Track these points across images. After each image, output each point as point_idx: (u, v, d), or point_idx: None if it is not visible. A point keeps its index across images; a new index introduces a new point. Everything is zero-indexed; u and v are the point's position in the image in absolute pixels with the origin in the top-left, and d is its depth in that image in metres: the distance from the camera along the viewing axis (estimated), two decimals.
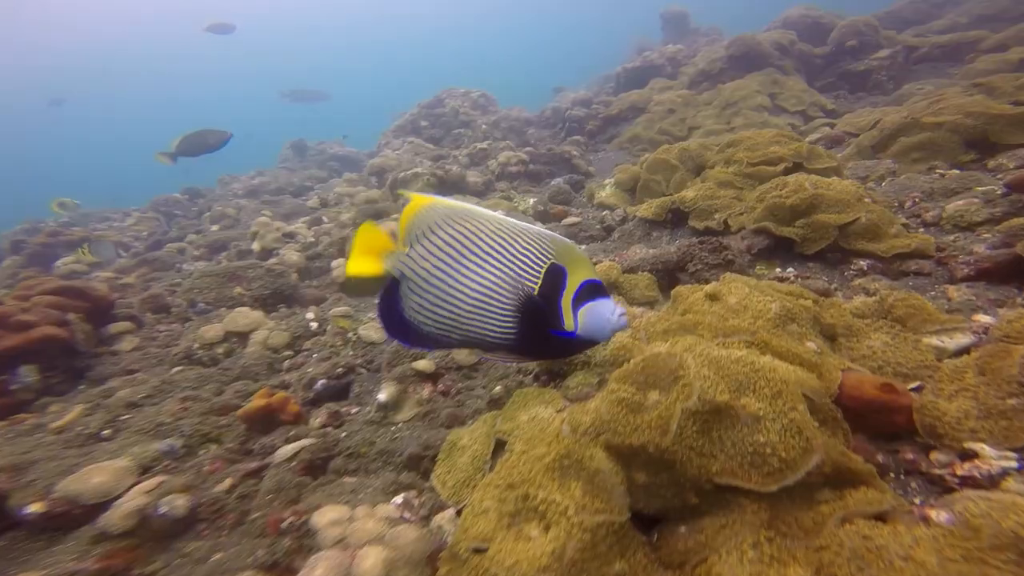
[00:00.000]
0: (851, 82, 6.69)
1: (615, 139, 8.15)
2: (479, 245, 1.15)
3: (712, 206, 2.79)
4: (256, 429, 2.31)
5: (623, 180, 4.25)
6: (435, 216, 1.18)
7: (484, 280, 1.14)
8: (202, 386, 2.63)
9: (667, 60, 10.22)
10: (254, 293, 3.62)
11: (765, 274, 2.21)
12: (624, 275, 2.39)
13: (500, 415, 1.57)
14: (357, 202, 7.15)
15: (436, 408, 2.19)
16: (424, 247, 1.18)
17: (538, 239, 1.15)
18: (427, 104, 10.60)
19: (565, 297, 1.14)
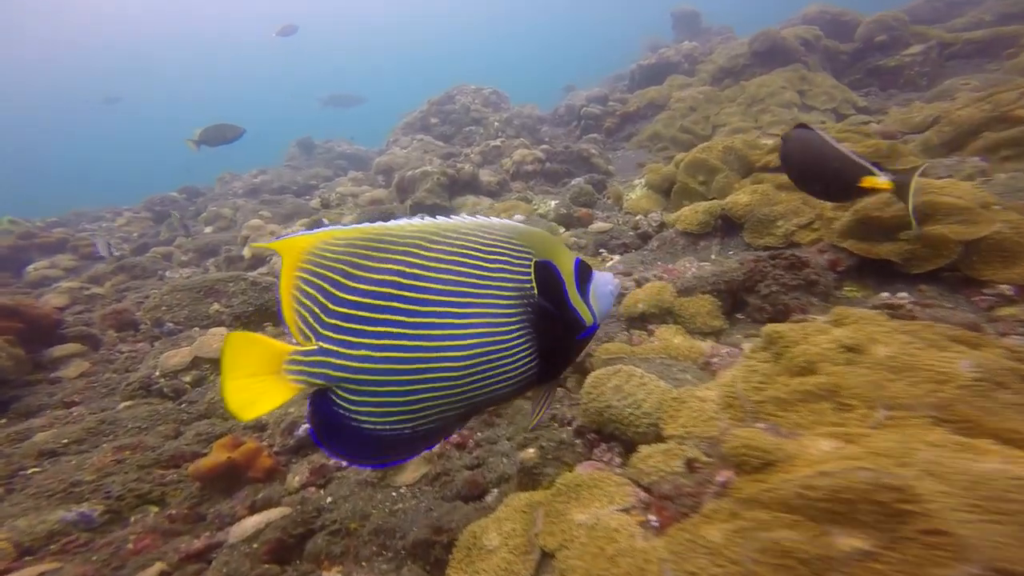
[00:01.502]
0: (881, 79, 6.24)
1: (634, 137, 7.72)
2: (436, 275, 0.83)
3: (772, 214, 2.30)
4: (215, 488, 1.83)
5: (655, 181, 3.78)
6: (341, 260, 0.82)
7: (474, 319, 0.83)
8: (153, 427, 2.14)
9: (684, 57, 9.82)
10: (234, 310, 3.14)
11: (857, 297, 1.72)
12: (678, 298, 1.90)
13: (543, 509, 1.08)
14: (361, 203, 6.71)
15: (450, 468, 1.70)
16: (346, 322, 0.81)
17: (504, 237, 0.89)
18: (437, 101, 10.21)
19: (571, 291, 0.93)
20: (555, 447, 1.45)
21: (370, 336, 0.80)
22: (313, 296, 0.81)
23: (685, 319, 1.82)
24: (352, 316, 0.80)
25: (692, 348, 1.56)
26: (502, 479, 1.55)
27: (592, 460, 1.30)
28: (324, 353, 0.80)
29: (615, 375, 1.39)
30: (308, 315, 0.81)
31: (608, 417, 1.31)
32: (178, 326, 2.98)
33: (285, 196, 8.31)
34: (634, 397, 1.27)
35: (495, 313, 0.85)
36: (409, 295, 0.81)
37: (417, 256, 0.83)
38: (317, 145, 11.63)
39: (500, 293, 0.86)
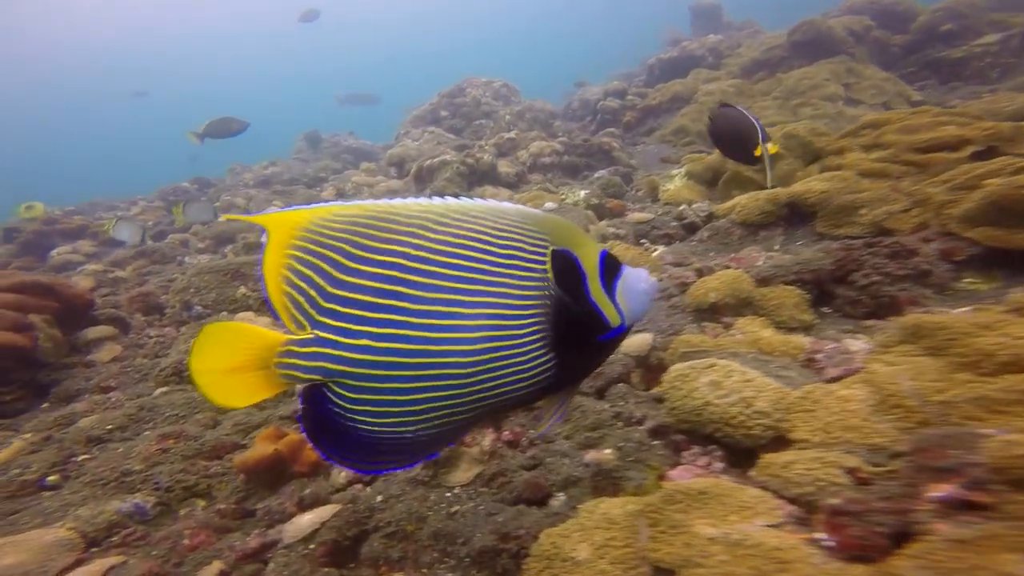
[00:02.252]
0: (941, 72, 5.93)
1: (655, 132, 7.53)
2: (444, 260, 0.74)
3: (855, 202, 2.14)
4: (260, 482, 1.72)
5: (698, 171, 3.63)
6: (342, 239, 0.73)
7: (482, 309, 0.74)
8: (190, 415, 2.04)
9: (708, 51, 9.61)
10: (260, 295, 3.04)
11: (984, 290, 1.57)
12: (758, 288, 1.76)
13: (646, 518, 0.95)
14: (376, 193, 6.64)
15: (506, 469, 1.57)
16: (347, 307, 0.72)
17: (518, 222, 0.79)
18: (448, 93, 10.18)
19: (592, 286, 0.82)
20: (635, 448, 1.32)
21: (373, 324, 0.71)
22: (309, 277, 0.71)
23: (768, 311, 1.68)
24: (354, 301, 0.71)
25: (788, 343, 1.42)
26: (568, 482, 1.42)
27: (686, 465, 1.17)
28: (321, 343, 0.71)
29: (709, 370, 1.26)
30: (303, 299, 0.71)
31: (707, 417, 1.18)
32: (206, 309, 2.88)
33: (296, 187, 8.32)
34: (740, 394, 1.14)
35: (506, 304, 0.75)
36: (415, 279, 0.72)
37: (424, 238, 0.74)
38: (324, 139, 11.66)
39: (511, 282, 0.76)
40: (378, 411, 0.73)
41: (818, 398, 1.03)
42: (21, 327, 2.24)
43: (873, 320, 1.61)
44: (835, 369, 1.22)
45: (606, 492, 1.22)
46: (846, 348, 1.33)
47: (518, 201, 4.37)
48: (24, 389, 2.25)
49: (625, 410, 1.65)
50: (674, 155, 6.27)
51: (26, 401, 2.25)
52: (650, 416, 1.53)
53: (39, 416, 2.14)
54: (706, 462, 1.14)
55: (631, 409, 1.64)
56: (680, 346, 1.51)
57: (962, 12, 6.15)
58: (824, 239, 2.25)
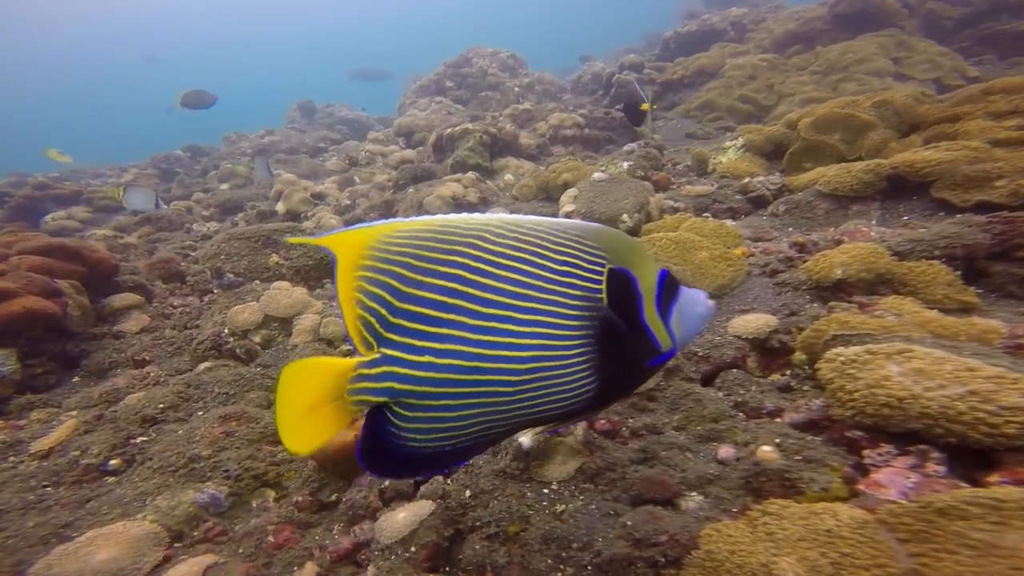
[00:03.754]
0: (1001, 46, 5.64)
1: (676, 107, 7.24)
2: (501, 273, 0.73)
3: (988, 171, 1.94)
4: (334, 471, 1.52)
5: (757, 142, 3.40)
6: (406, 253, 0.73)
7: (534, 327, 0.73)
8: (241, 394, 1.83)
9: (730, 24, 9.24)
10: (294, 264, 2.79)
11: None
12: (899, 264, 1.57)
13: (894, 532, 0.78)
14: (391, 163, 6.30)
15: (613, 463, 1.39)
16: (412, 322, 0.72)
17: (576, 237, 0.78)
18: (453, 63, 9.81)
19: (648, 309, 0.80)
20: (799, 446, 1.14)
21: (434, 339, 0.72)
22: (380, 296, 0.71)
23: (915, 289, 1.49)
24: (418, 315, 0.72)
25: (971, 325, 1.24)
26: (703, 480, 1.24)
27: (886, 468, 0.99)
28: (388, 361, 0.72)
29: (901, 355, 1.07)
30: (373, 319, 0.72)
31: (914, 412, 0.99)
32: (238, 277, 2.63)
33: (299, 156, 7.97)
34: (967, 386, 0.95)
35: (556, 323, 0.74)
36: (474, 293, 0.72)
37: (482, 249, 0.74)
38: (318, 109, 11.35)
39: (564, 301, 0.75)
40: (427, 427, 0.73)
41: None
42: (51, 293, 1.98)
43: None
44: None
45: (772, 495, 1.05)
46: None
47: (552, 171, 4.11)
48: (54, 361, 2.01)
49: (748, 399, 1.47)
50: (700, 131, 6.00)
51: (56, 375, 2.02)
52: (789, 407, 1.36)
53: (79, 391, 1.91)
54: (912, 463, 0.97)
55: (757, 398, 1.46)
56: (831, 327, 1.32)
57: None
58: (944, 209, 2.05)
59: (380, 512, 1.43)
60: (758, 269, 1.94)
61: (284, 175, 5.23)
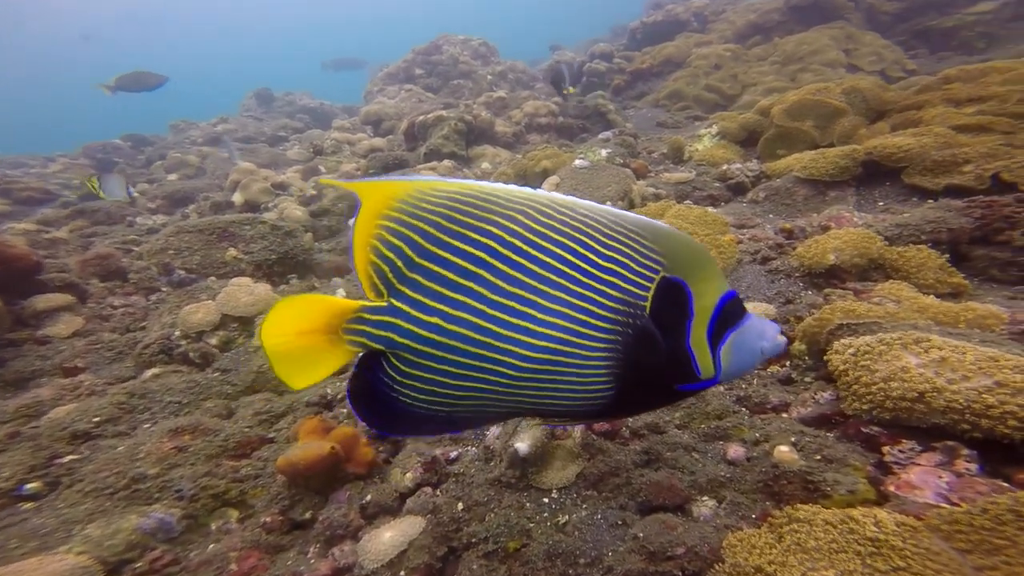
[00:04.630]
0: (932, 41, 5.97)
1: (646, 96, 7.27)
2: (535, 254, 0.69)
3: (956, 156, 1.97)
4: (306, 486, 1.36)
5: (731, 129, 3.40)
6: (438, 213, 0.69)
7: (556, 318, 0.69)
8: (196, 403, 1.62)
9: (693, 15, 9.36)
10: (254, 258, 2.55)
11: None
12: (890, 249, 1.56)
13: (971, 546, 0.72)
14: (359, 151, 6.00)
15: (616, 467, 1.31)
16: (428, 280, 0.69)
17: (633, 232, 0.71)
18: (422, 50, 9.53)
19: (696, 331, 0.73)
20: (817, 445, 1.09)
21: (447, 303, 0.69)
22: (398, 247, 0.69)
23: (907, 274, 1.48)
24: (436, 275, 0.69)
25: (970, 310, 1.22)
26: (714, 484, 1.17)
27: (914, 466, 0.95)
28: (394, 312, 0.70)
29: (918, 345, 1.03)
30: (387, 268, 0.70)
31: (937, 405, 0.95)
32: (190, 274, 2.36)
33: (257, 145, 7.48)
34: (993, 377, 0.91)
35: (582, 319, 0.69)
36: (500, 267, 0.69)
37: (521, 224, 0.69)
38: (277, 97, 10.79)
39: (598, 299, 0.70)
40: (423, 389, 0.72)
41: None
42: None
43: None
44: None
45: (794, 499, 0.99)
46: None
47: (531, 158, 3.98)
48: None
49: (751, 393, 1.42)
50: (670, 119, 6.04)
51: None
52: (794, 401, 1.32)
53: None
54: (939, 460, 0.93)
55: (761, 392, 1.41)
56: (835, 315, 1.28)
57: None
58: (917, 194, 2.09)
59: (362, 531, 1.29)
60: (748, 256, 1.90)
61: (241, 164, 4.83)
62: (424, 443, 1.61)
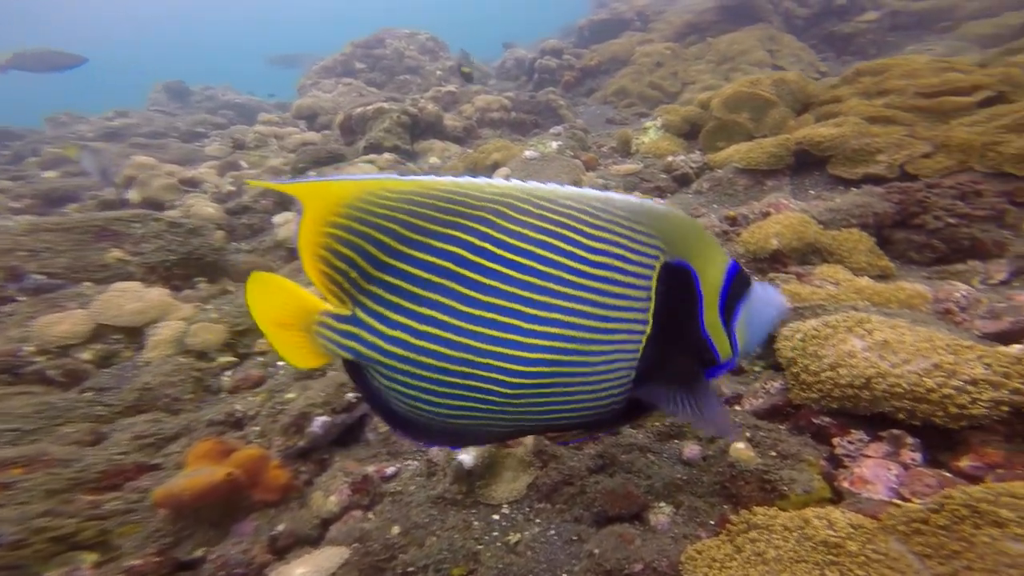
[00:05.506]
0: (836, 45, 6.48)
1: (595, 92, 7.37)
2: (514, 258, 0.61)
3: (870, 146, 2.06)
4: (196, 519, 1.12)
5: (674, 122, 3.43)
6: (394, 219, 0.61)
7: (548, 327, 0.61)
8: (50, 428, 1.32)
9: (636, 14, 9.65)
10: (147, 259, 2.18)
11: None
12: (825, 233, 1.56)
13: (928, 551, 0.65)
14: (289, 145, 5.54)
15: (570, 475, 1.19)
16: (388, 292, 0.62)
17: (624, 218, 0.63)
18: (363, 43, 9.17)
19: (708, 313, 0.67)
20: (772, 439, 1.02)
21: (411, 317, 0.62)
22: (351, 259, 0.62)
23: (841, 257, 1.47)
24: (395, 287, 0.63)
25: (900, 290, 1.22)
26: (670, 488, 1.08)
27: (863, 457, 0.89)
28: (356, 323, 0.64)
29: (861, 327, 0.98)
30: (343, 279, 0.63)
31: (882, 392, 0.90)
32: (53, 280, 1.96)
33: (166, 141, 6.72)
34: (931, 359, 0.87)
35: (580, 324, 0.62)
36: (471, 276, 0.61)
37: (494, 226, 0.62)
38: (194, 92, 9.90)
39: (595, 299, 0.63)
40: (409, 395, 0.66)
41: None
42: None
43: (942, 265, 1.49)
44: (990, 322, 1.03)
45: (752, 501, 0.91)
46: (988, 297, 1.14)
47: (482, 151, 3.82)
48: None
49: None
50: (617, 116, 6.14)
51: None
52: (746, 392, 1.25)
53: None
54: (886, 450, 0.88)
55: (714, 385, 1.34)
56: None
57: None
58: (841, 184, 2.16)
59: (270, 568, 1.07)
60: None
61: (138, 158, 4.22)
62: (354, 461, 1.42)
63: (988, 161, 1.67)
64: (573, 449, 1.28)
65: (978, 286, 1.33)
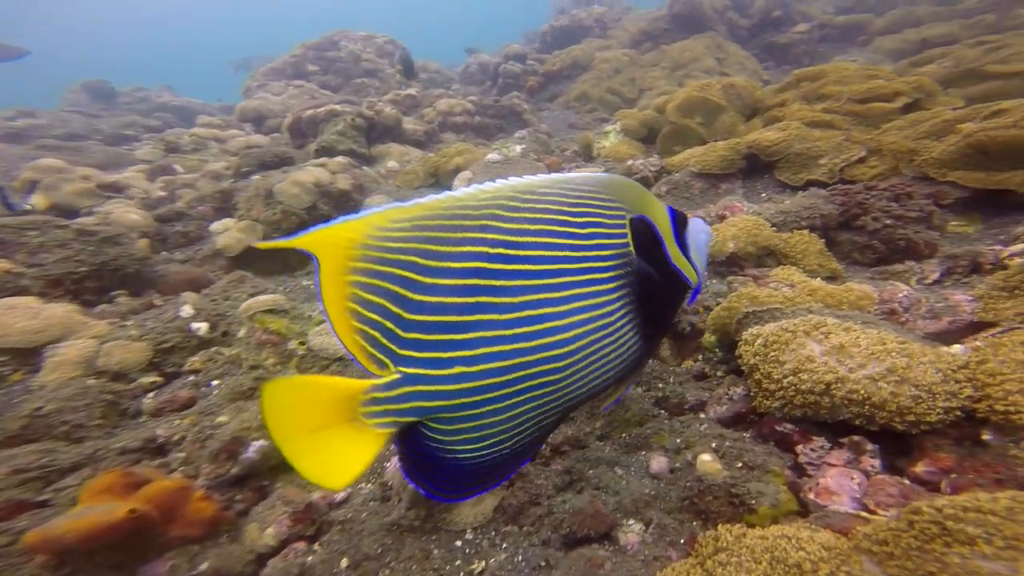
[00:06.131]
0: (775, 54, 6.87)
1: (558, 98, 7.43)
2: (524, 253, 0.65)
3: (812, 150, 2.13)
4: (92, 563, 0.95)
5: (632, 127, 3.46)
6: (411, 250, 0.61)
7: (574, 303, 0.67)
8: None
9: (595, 21, 9.88)
10: (48, 271, 1.93)
11: (970, 233, 1.60)
12: (779, 235, 1.57)
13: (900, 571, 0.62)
14: (232, 148, 5.18)
15: (538, 493, 1.12)
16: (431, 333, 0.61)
17: (591, 191, 0.72)
18: (315, 45, 8.85)
19: (671, 248, 0.79)
20: (737, 450, 0.99)
21: (462, 347, 0.62)
22: (382, 306, 0.60)
23: (796, 260, 1.49)
24: (437, 325, 0.61)
25: (850, 292, 1.23)
26: (640, 503, 1.03)
27: (825, 466, 0.87)
28: (411, 381, 0.61)
29: (819, 331, 0.97)
30: (379, 334, 0.61)
31: (842, 398, 0.89)
32: None
33: (85, 143, 6.14)
34: (885, 363, 0.87)
35: (595, 291, 0.69)
36: (498, 283, 0.63)
37: (498, 230, 0.64)
38: (122, 92, 9.21)
39: (597, 265, 0.70)
40: (475, 436, 0.65)
41: (1010, 360, 0.79)
42: None
43: (883, 266, 1.54)
44: (931, 322, 1.05)
45: (720, 516, 0.87)
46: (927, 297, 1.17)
47: (442, 155, 3.71)
48: None
49: (668, 394, 1.32)
50: (580, 121, 6.20)
51: None
52: (710, 399, 1.23)
53: None
54: (847, 457, 0.86)
55: (678, 392, 1.31)
56: (742, 303, 1.22)
57: (785, 0, 7.19)
58: (787, 188, 2.22)
59: None
60: None
61: (43, 161, 3.77)
62: (297, 487, 1.29)
63: (914, 166, 1.76)
64: (540, 465, 1.21)
65: (915, 286, 1.37)
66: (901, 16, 6.74)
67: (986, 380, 0.80)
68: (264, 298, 1.83)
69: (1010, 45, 2.79)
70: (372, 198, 3.09)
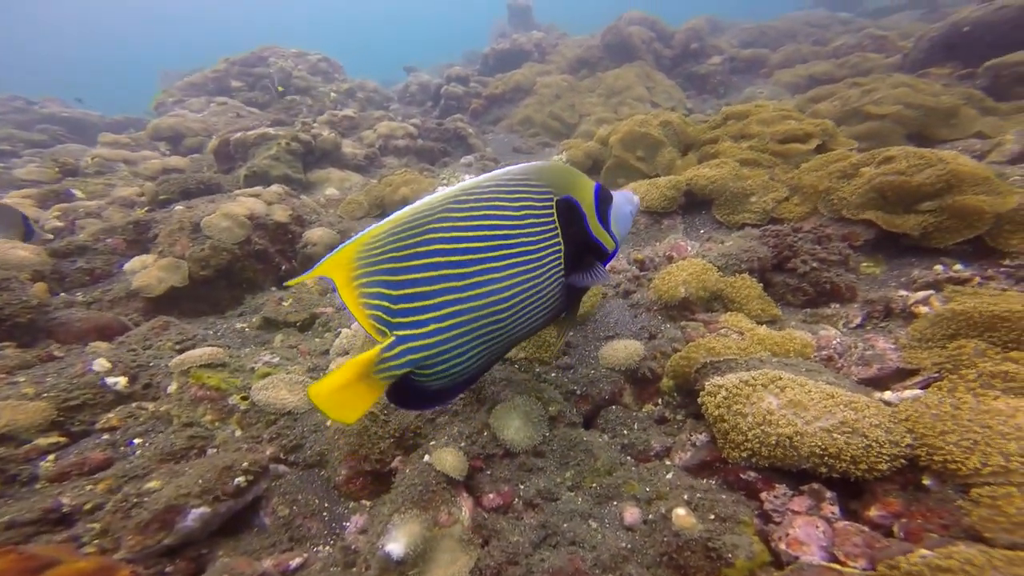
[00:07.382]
0: (695, 83, 7.52)
1: (501, 121, 7.56)
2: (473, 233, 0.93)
3: (744, 189, 2.33)
4: None
5: (578, 157, 3.59)
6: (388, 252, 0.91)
7: (513, 268, 0.95)
8: None
9: (534, 46, 10.21)
10: None
11: (877, 274, 1.81)
12: (723, 279, 1.69)
13: None
14: (145, 171, 4.67)
15: (515, 551, 1.08)
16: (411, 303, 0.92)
17: (523, 180, 0.98)
18: (240, 60, 8.37)
19: (592, 223, 1.04)
20: (709, 501, 1.03)
21: (433, 310, 0.91)
22: (378, 293, 0.90)
23: (739, 304, 1.60)
24: (414, 295, 0.90)
25: (791, 339, 1.33)
26: (618, 558, 1.04)
27: (794, 515, 0.93)
28: (402, 341, 0.91)
29: (774, 385, 1.05)
30: (380, 313, 0.91)
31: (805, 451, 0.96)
32: None
33: None
34: (836, 417, 0.95)
35: (528, 259, 0.95)
36: (454, 259, 0.91)
37: (451, 220, 0.91)
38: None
39: (530, 240, 0.95)
40: (446, 369, 0.95)
41: (942, 412, 0.91)
42: None
43: (811, 308, 1.69)
44: (863, 368, 1.18)
45: (700, 572, 0.89)
46: (857, 344, 1.28)
47: (388, 184, 3.59)
48: None
49: (634, 440, 1.35)
50: (524, 145, 6.34)
51: None
52: (675, 446, 1.27)
53: None
54: (808, 504, 0.93)
55: (643, 438, 1.34)
56: (699, 353, 1.28)
57: (699, 34, 7.96)
58: (723, 227, 2.40)
59: None
60: (611, 290, 1.90)
61: None
62: (244, 555, 1.15)
63: (831, 206, 1.99)
64: (513, 519, 1.18)
65: (842, 330, 1.51)
66: (790, 53, 7.70)
67: (924, 431, 0.92)
68: (199, 352, 1.64)
69: (878, 88, 3.26)
70: (312, 231, 2.91)
